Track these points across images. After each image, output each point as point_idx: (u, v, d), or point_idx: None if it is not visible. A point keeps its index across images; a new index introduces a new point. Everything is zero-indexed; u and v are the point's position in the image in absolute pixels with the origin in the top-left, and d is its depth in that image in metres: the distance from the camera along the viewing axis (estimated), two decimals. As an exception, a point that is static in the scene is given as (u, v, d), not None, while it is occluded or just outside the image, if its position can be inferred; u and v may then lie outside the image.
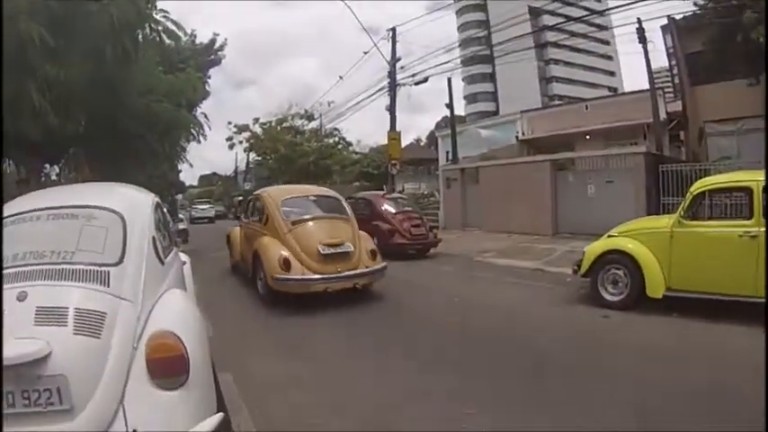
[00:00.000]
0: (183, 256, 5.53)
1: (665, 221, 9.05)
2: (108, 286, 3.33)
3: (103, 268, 3.41)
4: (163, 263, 4.25)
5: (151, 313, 3.45)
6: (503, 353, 7.09)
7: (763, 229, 7.61)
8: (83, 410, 2.84)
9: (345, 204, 12.05)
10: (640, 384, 5.68)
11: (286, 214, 10.79)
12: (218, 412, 3.42)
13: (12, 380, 2.75)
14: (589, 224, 17.43)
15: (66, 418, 2.82)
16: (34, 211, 3.86)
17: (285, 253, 9.89)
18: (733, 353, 6.63)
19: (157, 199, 5.13)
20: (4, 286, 3.09)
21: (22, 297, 3.04)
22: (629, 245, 9.09)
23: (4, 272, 3.21)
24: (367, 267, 10.37)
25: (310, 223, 10.71)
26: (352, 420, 4.99)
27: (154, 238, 4.13)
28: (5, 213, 3.85)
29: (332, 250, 9.99)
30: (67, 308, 3.04)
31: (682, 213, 8.59)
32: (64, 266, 3.33)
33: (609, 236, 9.86)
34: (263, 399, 5.47)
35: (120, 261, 3.55)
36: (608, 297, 9.24)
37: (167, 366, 3.14)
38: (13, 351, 2.71)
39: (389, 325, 8.87)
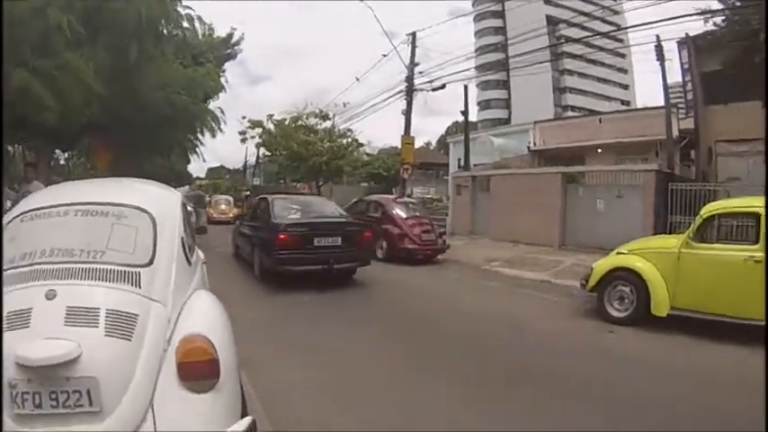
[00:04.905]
0: (201, 254, 5.54)
1: (673, 241, 9.19)
2: (139, 287, 3.30)
3: (135, 269, 3.38)
4: (190, 263, 4.20)
5: (180, 315, 3.44)
6: (508, 364, 7.22)
7: (769, 255, 7.75)
8: (112, 412, 2.85)
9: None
10: (641, 400, 5.81)
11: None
12: (245, 415, 3.43)
13: (39, 381, 2.75)
14: (596, 238, 17.66)
15: (96, 419, 2.83)
16: (61, 205, 3.75)
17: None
18: (733, 373, 6.80)
19: (183, 197, 4.95)
20: (32, 284, 3.08)
21: (51, 296, 3.00)
22: (638, 263, 9.23)
23: (32, 268, 3.19)
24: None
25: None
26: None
27: (182, 238, 4.07)
28: (29, 207, 3.82)
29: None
30: (99, 309, 3.02)
31: (691, 235, 8.75)
32: (95, 266, 3.29)
33: (618, 253, 10.03)
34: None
35: (151, 262, 3.51)
36: (614, 313, 9.38)
37: (199, 370, 3.14)
38: (42, 352, 2.71)
39: (395, 332, 8.96)
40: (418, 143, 43.67)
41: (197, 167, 70.23)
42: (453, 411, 5.53)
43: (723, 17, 20.90)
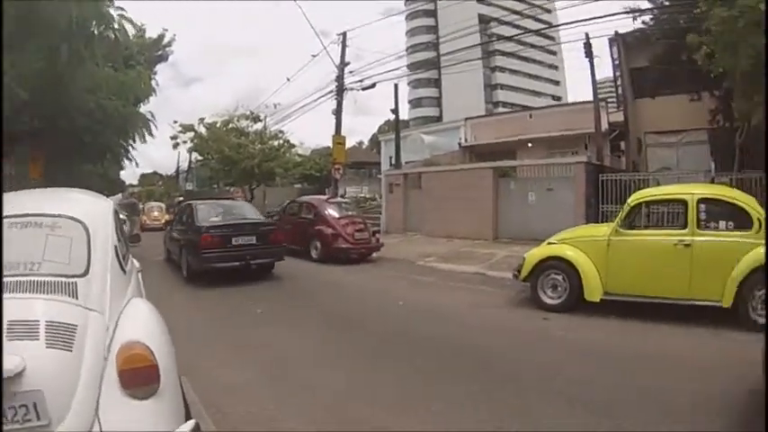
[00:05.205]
0: (136, 263, 5.43)
1: (603, 230, 9.45)
2: (77, 298, 3.26)
3: (71, 279, 3.34)
4: (125, 271, 4.20)
5: (118, 324, 3.39)
6: (443, 352, 7.20)
7: (697, 237, 8.19)
8: (59, 424, 2.78)
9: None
10: (579, 380, 5.86)
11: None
12: (188, 418, 3.42)
13: None
14: (529, 230, 17.81)
15: None
16: None
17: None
18: (664, 350, 6.98)
19: (114, 205, 4.96)
20: None
21: None
22: (568, 252, 9.41)
23: None
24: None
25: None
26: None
27: (116, 246, 4.06)
28: None
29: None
30: (38, 321, 2.96)
31: (619, 223, 9.02)
32: (32, 278, 3.25)
33: (548, 243, 10.15)
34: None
35: (87, 272, 3.49)
36: (548, 300, 9.52)
37: (140, 377, 3.09)
38: None
39: (333, 328, 8.90)
40: (351, 142, 43.71)
41: (130, 174, 69.31)
42: (390, 398, 5.61)
43: (651, 16, 21.70)
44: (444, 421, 5.04)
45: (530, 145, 30.04)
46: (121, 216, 5.54)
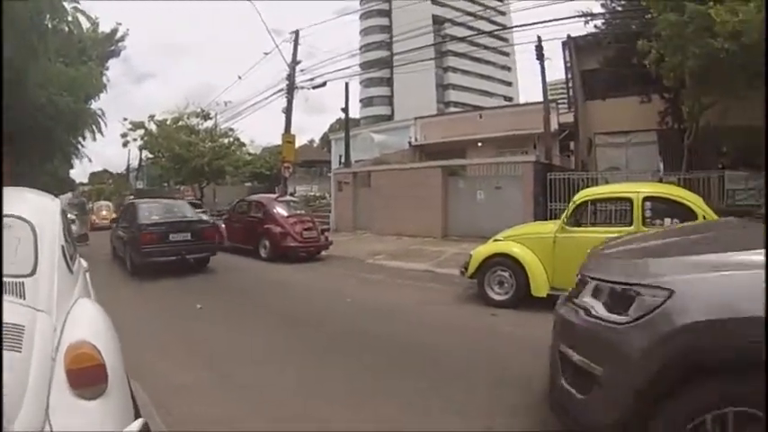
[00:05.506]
0: (84, 262, 5.34)
1: (549, 227, 9.60)
2: (24, 298, 3.22)
3: (18, 279, 3.30)
4: (71, 271, 4.13)
5: (65, 324, 3.30)
6: (393, 351, 7.13)
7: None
8: (10, 426, 2.65)
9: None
10: (526, 374, 5.78)
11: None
12: (137, 417, 3.30)
13: None
14: (478, 228, 17.86)
15: None
16: None
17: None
18: None
19: (62, 205, 4.88)
20: None
21: None
22: (514, 249, 9.51)
23: None
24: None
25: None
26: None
27: (63, 246, 3.99)
28: None
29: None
30: None
31: (565, 220, 9.13)
32: None
33: (495, 240, 10.22)
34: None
35: (34, 272, 3.44)
36: (495, 297, 9.60)
37: (87, 376, 3.01)
38: None
39: (282, 325, 8.85)
40: (302, 141, 43.56)
41: (80, 172, 67.97)
42: (339, 394, 5.60)
43: (603, 20, 22.13)
44: (394, 417, 5.00)
45: (480, 144, 30.21)
46: (71, 216, 5.46)
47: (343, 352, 7.18)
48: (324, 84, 28.18)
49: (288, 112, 28.34)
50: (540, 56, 24.10)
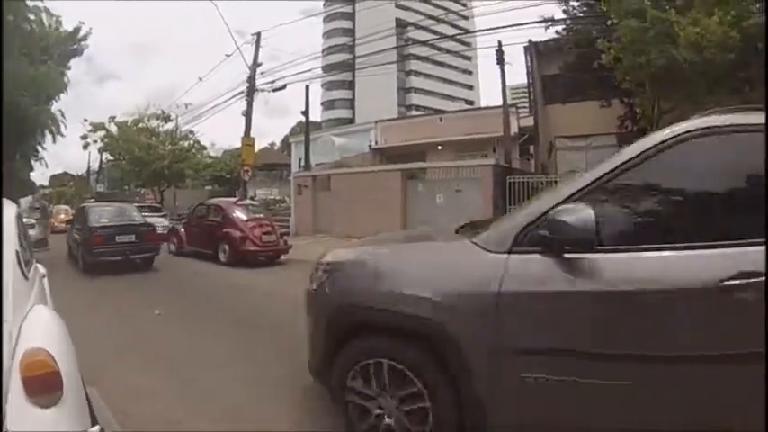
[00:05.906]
0: (42, 268, 5.22)
1: None
2: None
3: None
4: (27, 278, 4.01)
5: (21, 331, 3.19)
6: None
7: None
8: None
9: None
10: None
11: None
12: (94, 424, 3.29)
13: None
14: (437, 231, 17.88)
15: None
16: None
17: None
18: None
19: (19, 209, 4.85)
20: None
21: None
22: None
23: None
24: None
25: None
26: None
27: (17, 252, 3.86)
28: None
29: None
30: None
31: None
32: None
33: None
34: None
35: None
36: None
37: (42, 384, 2.92)
38: None
39: (239, 329, 8.75)
40: (263, 143, 43.32)
41: (39, 175, 66.91)
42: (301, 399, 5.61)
43: (564, 26, 22.42)
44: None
45: (440, 148, 30.37)
46: (30, 220, 5.33)
47: (304, 355, 7.15)
48: (284, 86, 28.03)
49: (248, 114, 28.13)
50: (501, 60, 24.27)
